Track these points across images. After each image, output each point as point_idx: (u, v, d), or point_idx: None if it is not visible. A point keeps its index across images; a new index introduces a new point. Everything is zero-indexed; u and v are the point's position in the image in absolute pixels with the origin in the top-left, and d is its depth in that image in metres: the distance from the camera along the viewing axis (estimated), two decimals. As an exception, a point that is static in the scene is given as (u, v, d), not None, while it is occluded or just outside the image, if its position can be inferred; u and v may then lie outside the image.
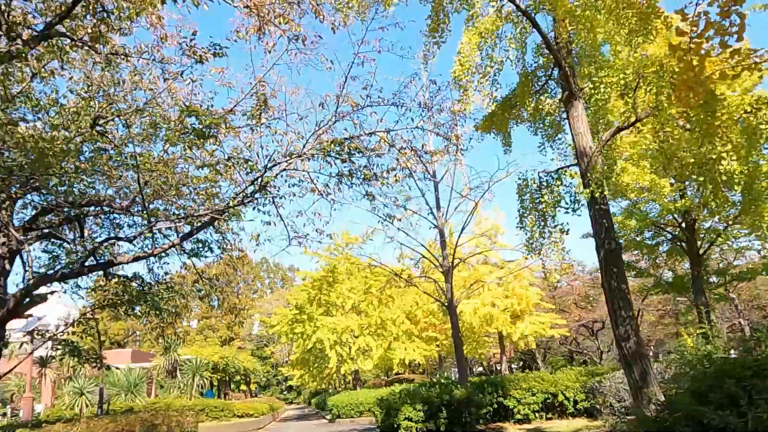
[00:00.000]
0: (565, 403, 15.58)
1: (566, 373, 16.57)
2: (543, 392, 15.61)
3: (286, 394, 72.74)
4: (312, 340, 31.21)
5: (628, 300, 8.08)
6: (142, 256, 12.42)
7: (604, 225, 8.37)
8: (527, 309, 29.28)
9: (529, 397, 15.55)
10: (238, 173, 12.64)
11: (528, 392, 15.62)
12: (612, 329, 8.22)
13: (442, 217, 16.73)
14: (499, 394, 15.69)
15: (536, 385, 15.72)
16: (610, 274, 8.15)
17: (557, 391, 15.60)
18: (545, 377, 16.14)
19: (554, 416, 15.87)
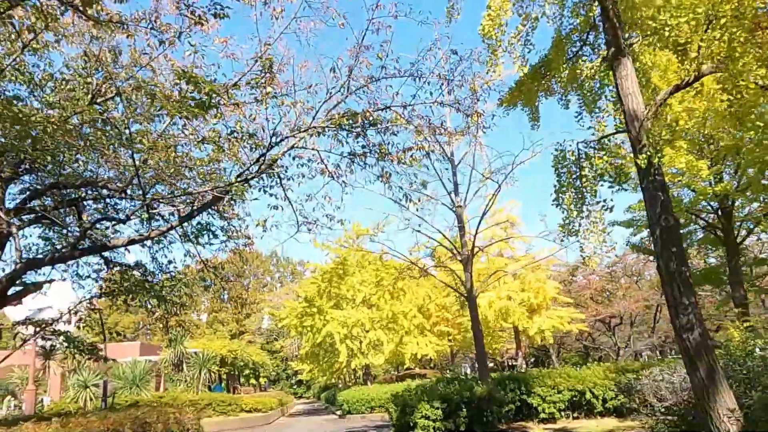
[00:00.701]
0: (593, 402, 14.36)
1: (593, 369, 15.35)
2: (569, 389, 14.40)
3: (295, 388, 71.90)
4: (322, 333, 30.14)
5: (689, 285, 6.88)
6: (138, 239, 11.33)
7: (659, 198, 7.16)
8: (544, 303, 28.02)
9: (554, 395, 14.35)
10: (242, 151, 11.54)
11: (553, 389, 14.42)
12: (671, 319, 7.02)
13: (460, 202, 15.54)
14: (522, 392, 14.50)
15: (562, 381, 14.51)
16: (668, 254, 6.94)
17: (585, 389, 14.38)
18: (571, 373, 14.92)
19: (581, 415, 14.67)
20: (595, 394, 14.35)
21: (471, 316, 15.22)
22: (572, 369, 15.81)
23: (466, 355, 49.89)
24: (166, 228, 11.43)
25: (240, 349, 35.71)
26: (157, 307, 17.24)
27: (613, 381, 14.45)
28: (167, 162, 11.38)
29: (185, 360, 27.29)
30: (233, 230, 16.37)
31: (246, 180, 11.71)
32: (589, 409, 14.63)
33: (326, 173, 13.54)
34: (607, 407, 14.38)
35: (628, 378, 13.35)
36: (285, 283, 72.65)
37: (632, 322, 36.51)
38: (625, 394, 12.68)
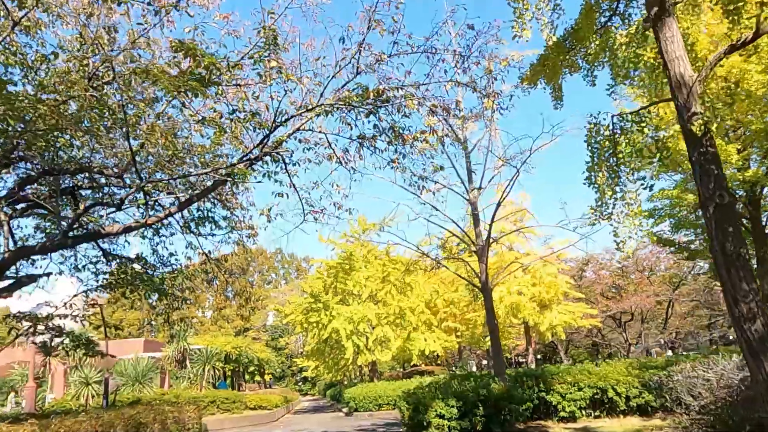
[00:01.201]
0: (616, 399, 13.51)
1: (615, 365, 14.50)
2: (590, 387, 13.54)
3: (300, 385, 71.22)
4: (328, 329, 29.33)
5: (749, 269, 6.05)
6: (134, 225, 10.52)
7: (713, 172, 6.31)
8: (556, 298, 27.17)
9: (575, 393, 13.50)
10: (245, 134, 10.72)
11: (574, 387, 13.57)
12: (728, 308, 6.18)
13: (474, 191, 14.70)
14: (540, 389, 13.66)
15: (583, 378, 13.65)
16: (724, 234, 6.10)
17: (607, 386, 13.53)
18: (592, 370, 14.07)
19: (602, 414, 13.82)
20: (618, 391, 13.50)
21: (486, 310, 14.39)
22: (593, 365, 14.96)
23: (473, 351, 49.10)
24: (163, 214, 10.63)
25: (244, 346, 34.96)
26: (159, 301, 16.52)
27: (636, 378, 13.60)
28: (166, 147, 10.54)
29: (188, 356, 26.53)
30: (236, 221, 15.61)
31: (250, 162, 10.92)
32: (611, 407, 13.79)
33: (334, 159, 12.73)
34: (631, 405, 13.53)
35: (655, 375, 12.51)
36: (290, 280, 71.95)
37: (643, 319, 35.63)
38: (655, 391, 11.85)
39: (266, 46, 9.41)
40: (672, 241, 16.88)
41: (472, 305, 31.15)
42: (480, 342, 33.58)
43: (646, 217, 16.76)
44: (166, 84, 8.75)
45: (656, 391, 11.59)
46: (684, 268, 34.13)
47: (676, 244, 16.82)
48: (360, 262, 32.45)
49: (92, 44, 9.65)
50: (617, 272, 34.26)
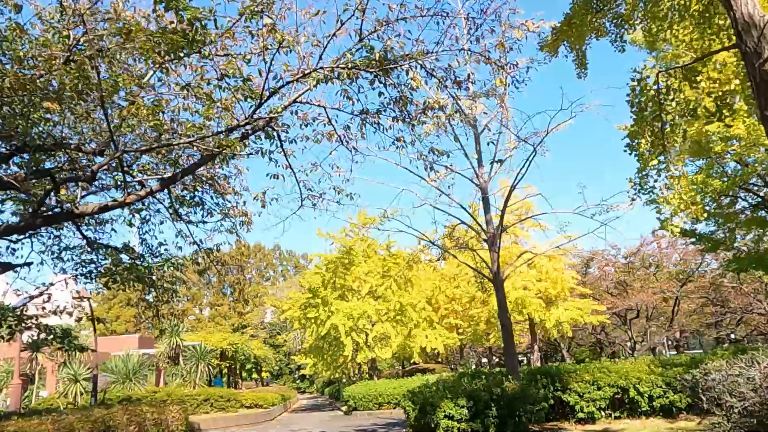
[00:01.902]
0: (638, 399, 12.37)
1: (636, 363, 13.36)
2: (610, 386, 12.40)
3: (298, 383, 70.08)
4: (326, 326, 28.16)
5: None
6: (111, 204, 9.36)
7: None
8: (562, 294, 26.04)
9: (594, 392, 12.36)
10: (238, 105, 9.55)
11: (593, 386, 12.42)
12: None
13: (484, 175, 13.56)
14: (556, 388, 12.52)
15: (602, 377, 12.51)
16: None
17: (628, 385, 12.39)
18: (611, 368, 12.93)
19: (623, 415, 12.69)
20: (640, 391, 12.36)
21: (498, 303, 13.24)
22: (611, 363, 13.83)
23: (473, 349, 47.97)
24: (144, 192, 9.47)
25: (241, 343, 33.80)
26: (147, 293, 15.38)
27: (660, 376, 12.46)
28: (148, 121, 9.32)
29: (181, 353, 25.37)
30: (229, 207, 14.47)
31: (242, 137, 9.76)
32: (632, 407, 12.65)
33: (334, 137, 11.57)
34: (654, 406, 12.39)
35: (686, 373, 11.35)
36: (288, 277, 70.76)
37: (648, 316, 34.50)
38: (689, 390, 10.72)
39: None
40: (692, 232, 15.74)
41: (475, 301, 30.04)
42: (482, 339, 32.44)
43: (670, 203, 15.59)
44: (143, 42, 7.58)
45: (690, 391, 10.48)
46: (692, 264, 33.03)
47: (696, 234, 15.68)
48: (359, 256, 31.31)
49: (73, 15, 8.48)
50: (623, 268, 33.11)
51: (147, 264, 13.44)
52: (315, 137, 11.23)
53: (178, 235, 14.65)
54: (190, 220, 14.42)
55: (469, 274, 31.98)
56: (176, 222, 14.59)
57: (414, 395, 11.91)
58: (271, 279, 71.12)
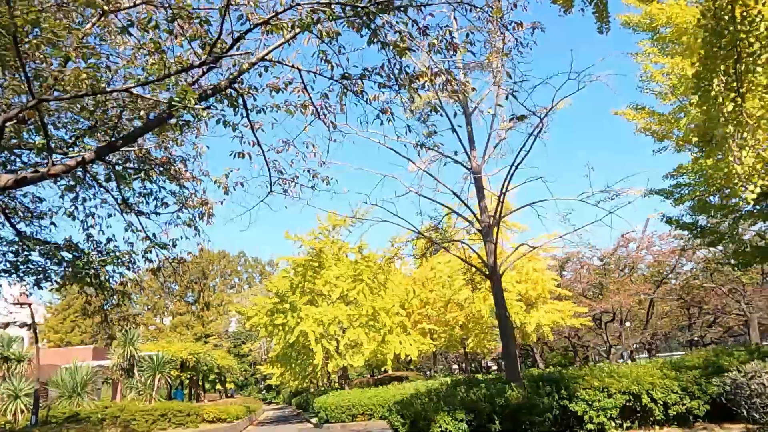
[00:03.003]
0: (651, 407, 10.87)
1: (646, 366, 11.89)
2: (622, 392, 10.87)
3: (264, 393, 67.34)
4: (295, 333, 26.12)
5: None
6: (32, 177, 7.34)
7: None
8: (542, 296, 24.70)
9: (604, 400, 10.81)
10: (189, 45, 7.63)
11: (602, 393, 10.87)
12: None
13: (477, 158, 11.97)
14: (561, 396, 10.92)
15: (613, 382, 10.97)
16: None
17: (641, 391, 10.88)
18: (621, 372, 11.40)
19: (634, 425, 11.18)
20: (654, 397, 10.87)
21: (495, 299, 11.63)
22: (621, 366, 12.31)
23: (445, 355, 46.40)
24: (75, 162, 7.48)
25: (203, 352, 31.37)
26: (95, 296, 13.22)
27: (675, 380, 11.01)
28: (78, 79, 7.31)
29: (137, 364, 22.98)
30: (187, 197, 12.49)
31: (201, 97, 7.87)
32: (643, 416, 11.14)
33: (309, 109, 9.80)
34: (669, 414, 10.92)
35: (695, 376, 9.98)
36: (253, 284, 68.10)
37: (621, 319, 33.52)
38: (727, 395, 9.29)
39: None
40: (692, 225, 14.47)
41: (450, 305, 28.48)
42: (458, 345, 30.88)
43: (666, 196, 14.34)
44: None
45: (727, 396, 9.06)
46: (666, 266, 32.26)
47: (697, 227, 14.41)
48: (330, 259, 29.42)
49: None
50: (599, 270, 32.05)
51: (87, 260, 11.32)
52: (287, 107, 9.47)
53: (128, 228, 12.57)
54: (141, 211, 12.41)
55: (443, 277, 30.50)
56: (125, 214, 12.56)
57: (404, 407, 10.14)
58: (236, 286, 68.35)
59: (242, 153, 9.88)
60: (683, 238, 27.92)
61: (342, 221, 30.49)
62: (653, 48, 13.92)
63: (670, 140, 13.54)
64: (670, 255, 31.33)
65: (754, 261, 14.46)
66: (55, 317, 61.71)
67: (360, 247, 29.40)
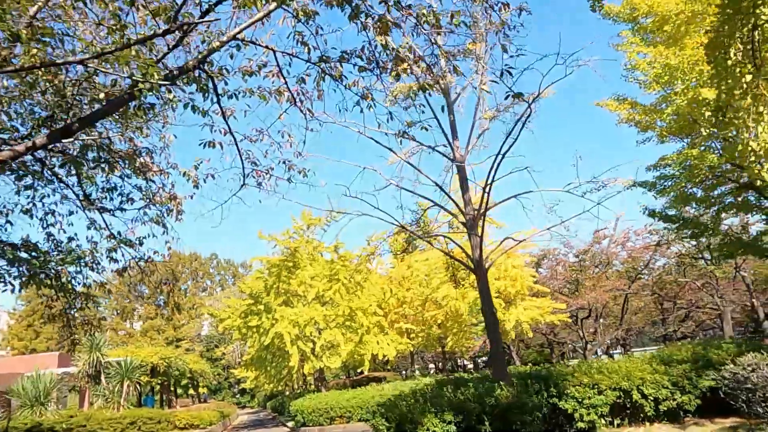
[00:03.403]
0: (642, 403, 10.52)
1: (635, 361, 11.53)
2: (612, 389, 10.49)
3: (238, 397, 66.04)
4: (270, 335, 25.28)
5: None
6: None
7: None
8: (521, 292, 24.40)
9: (594, 397, 10.41)
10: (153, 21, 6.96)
11: (592, 389, 10.48)
12: None
13: (460, 149, 11.48)
14: (551, 394, 10.49)
15: (603, 379, 10.58)
16: None
17: (631, 387, 10.51)
18: (610, 368, 11.02)
19: (624, 422, 10.82)
20: (644, 393, 10.52)
21: (481, 295, 11.15)
22: (610, 362, 11.93)
23: (421, 355, 45.97)
24: (24, 148, 6.71)
25: (174, 357, 30.29)
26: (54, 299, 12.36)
27: (665, 375, 10.68)
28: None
29: (103, 370, 21.91)
30: (154, 191, 11.75)
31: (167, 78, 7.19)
32: (633, 412, 10.80)
33: (285, 95, 9.21)
34: (660, 410, 10.58)
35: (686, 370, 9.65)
36: (226, 287, 66.70)
37: (596, 316, 33.52)
38: (725, 389, 8.93)
39: None
40: (674, 217, 14.24)
41: (428, 303, 28.02)
42: (435, 344, 30.43)
43: (649, 188, 14.07)
44: None
45: (729, 389, 8.71)
46: (640, 263, 32.36)
47: (680, 219, 14.17)
48: (305, 259, 28.64)
49: None
50: (575, 267, 31.98)
51: (45, 259, 10.50)
52: (261, 93, 8.85)
53: (91, 226, 11.79)
54: (105, 207, 11.62)
55: (420, 276, 30.04)
56: (88, 210, 11.76)
57: (388, 409, 9.57)
58: (208, 289, 66.81)
59: (213, 142, 9.23)
60: (659, 234, 28.05)
61: (317, 220, 29.81)
62: (635, 38, 13.65)
63: (653, 131, 13.28)
64: (644, 251, 31.46)
65: (737, 253, 14.30)
66: (19, 323, 59.43)
67: (336, 246, 28.71)
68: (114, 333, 61.03)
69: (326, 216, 31.31)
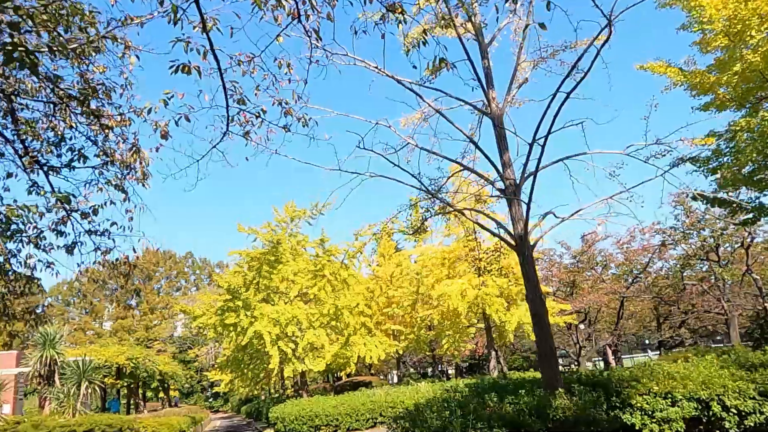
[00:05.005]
0: (722, 416, 8.24)
1: (708, 365, 9.23)
2: (689, 399, 8.18)
3: (211, 401, 62.51)
4: (248, 334, 22.53)
5: None
6: None
7: None
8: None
9: (666, 409, 8.09)
10: None
11: (664, 399, 8.16)
12: None
13: (497, 100, 9.14)
14: (612, 404, 8.14)
15: (676, 386, 8.27)
16: None
17: (711, 397, 8.23)
18: (683, 373, 8.69)
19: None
20: (726, 404, 8.23)
21: (526, 278, 8.77)
22: (680, 366, 9.57)
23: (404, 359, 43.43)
24: None
25: (142, 357, 27.24)
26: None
27: (751, 382, 8.41)
28: None
29: (58, 370, 18.92)
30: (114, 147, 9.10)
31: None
32: (709, 428, 8.49)
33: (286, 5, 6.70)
34: (745, 425, 8.30)
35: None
36: (202, 287, 63.30)
37: (590, 320, 31.50)
38: None
39: None
40: (726, 201, 12.11)
41: (420, 303, 25.63)
42: (425, 347, 28.02)
43: (700, 165, 11.90)
44: None
45: None
46: (637, 266, 30.47)
47: (732, 203, 12.05)
48: (288, 254, 25.97)
49: None
50: (572, 269, 29.92)
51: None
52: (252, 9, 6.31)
53: (33, 190, 8.96)
54: (53, 166, 8.90)
55: (411, 274, 27.61)
56: (29, 171, 9.00)
57: (414, 422, 7.07)
58: (183, 289, 63.32)
59: (188, 66, 6.57)
60: (665, 233, 26.17)
61: (302, 212, 27.24)
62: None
63: (712, 94, 11.13)
64: (641, 253, 29.63)
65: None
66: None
67: (322, 240, 26.14)
68: (82, 332, 57.28)
69: (311, 209, 28.82)
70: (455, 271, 22.97)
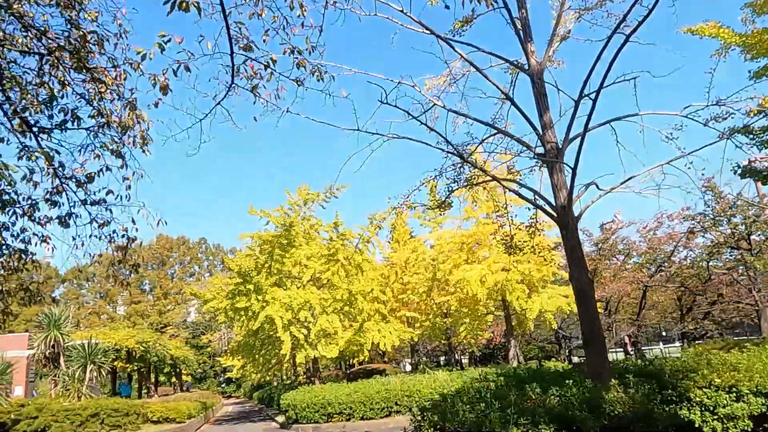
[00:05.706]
0: (792, 415, 7.18)
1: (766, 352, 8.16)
2: (756, 393, 7.13)
3: (224, 386, 62.21)
4: (259, 318, 21.69)
5: None
6: None
7: None
8: (546, 277, 21.03)
9: (731, 404, 7.04)
10: None
11: (729, 393, 7.09)
12: None
13: (535, 55, 8.05)
14: (665, 398, 7.10)
15: (741, 379, 7.22)
16: None
17: (781, 391, 7.18)
18: (747, 363, 7.60)
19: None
20: (799, 400, 7.14)
21: (570, 256, 7.73)
22: (744, 355, 8.47)
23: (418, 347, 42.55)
24: None
25: (153, 341, 26.56)
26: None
27: (826, 375, 7.30)
28: None
29: (63, 352, 18.22)
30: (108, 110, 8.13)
31: None
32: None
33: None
34: (819, 425, 7.21)
35: None
36: (215, 273, 62.86)
37: (609, 310, 30.26)
38: None
39: None
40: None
41: (438, 289, 24.62)
42: (441, 335, 27.04)
43: (755, 136, 10.68)
44: None
45: None
46: (661, 254, 29.12)
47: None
48: (301, 238, 25.05)
49: None
50: (595, 256, 28.68)
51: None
52: None
53: (24, 155, 7.98)
54: (44, 127, 8.00)
55: (426, 260, 26.58)
56: (20, 133, 8.07)
57: (444, 415, 6.07)
58: (196, 274, 62.92)
59: (185, 1, 5.56)
60: (694, 219, 24.87)
61: (315, 195, 26.23)
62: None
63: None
64: (666, 241, 28.32)
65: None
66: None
67: (336, 224, 25.17)
68: (96, 316, 57.14)
69: (325, 192, 27.79)
70: (474, 256, 21.90)
